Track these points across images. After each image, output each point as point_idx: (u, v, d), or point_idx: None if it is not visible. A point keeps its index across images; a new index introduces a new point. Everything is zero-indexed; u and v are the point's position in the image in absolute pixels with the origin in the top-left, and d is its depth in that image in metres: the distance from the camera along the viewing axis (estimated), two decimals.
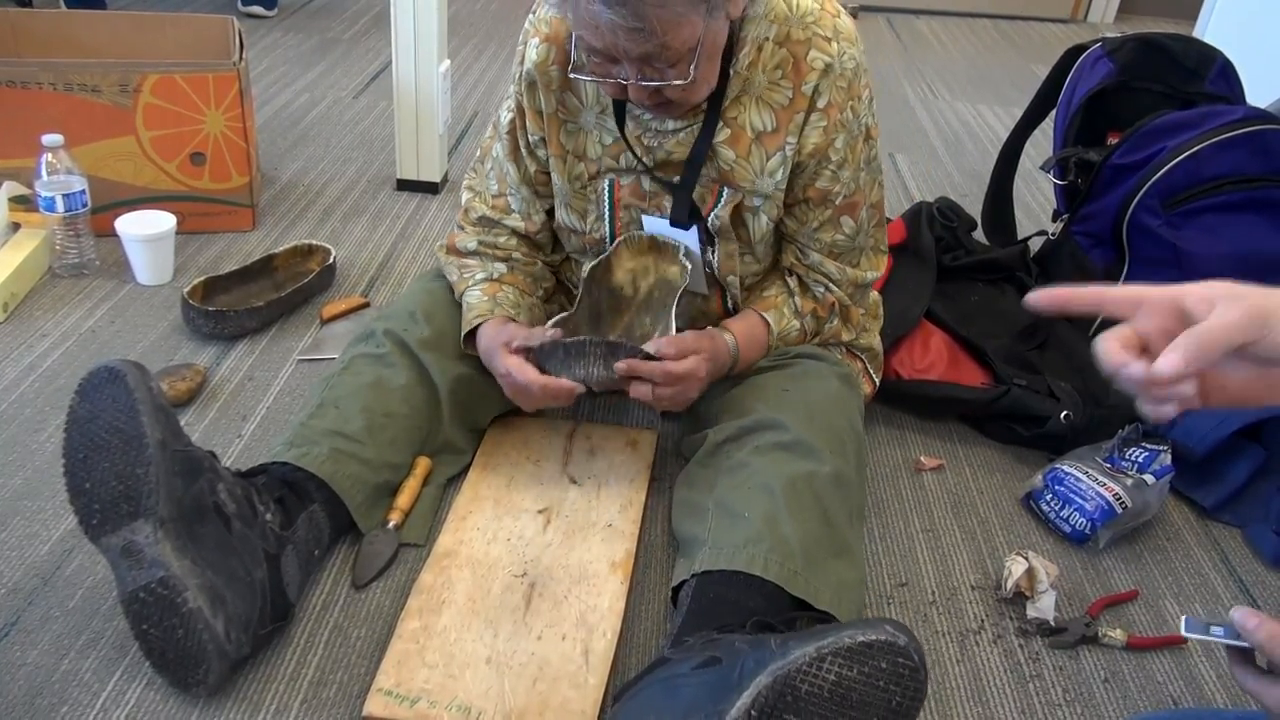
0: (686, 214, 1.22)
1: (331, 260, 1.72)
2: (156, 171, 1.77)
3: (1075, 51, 1.87)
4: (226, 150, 1.79)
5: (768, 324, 1.27)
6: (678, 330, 1.21)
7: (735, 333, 1.25)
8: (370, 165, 2.20)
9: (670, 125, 1.18)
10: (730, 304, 1.32)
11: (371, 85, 2.68)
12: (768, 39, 1.14)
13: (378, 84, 2.68)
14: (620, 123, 1.20)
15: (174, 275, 1.71)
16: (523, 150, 1.28)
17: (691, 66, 1.04)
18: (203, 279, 1.60)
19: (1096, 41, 1.85)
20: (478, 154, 1.36)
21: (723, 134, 1.18)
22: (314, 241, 1.76)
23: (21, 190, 1.70)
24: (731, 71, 1.14)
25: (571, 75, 1.15)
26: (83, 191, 1.63)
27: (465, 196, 1.36)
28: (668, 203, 1.23)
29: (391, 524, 1.19)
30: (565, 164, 1.25)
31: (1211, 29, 2.57)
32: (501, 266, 1.31)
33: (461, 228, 1.36)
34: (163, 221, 1.65)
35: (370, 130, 2.39)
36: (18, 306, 1.60)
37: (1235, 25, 2.51)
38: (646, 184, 1.23)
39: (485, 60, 2.99)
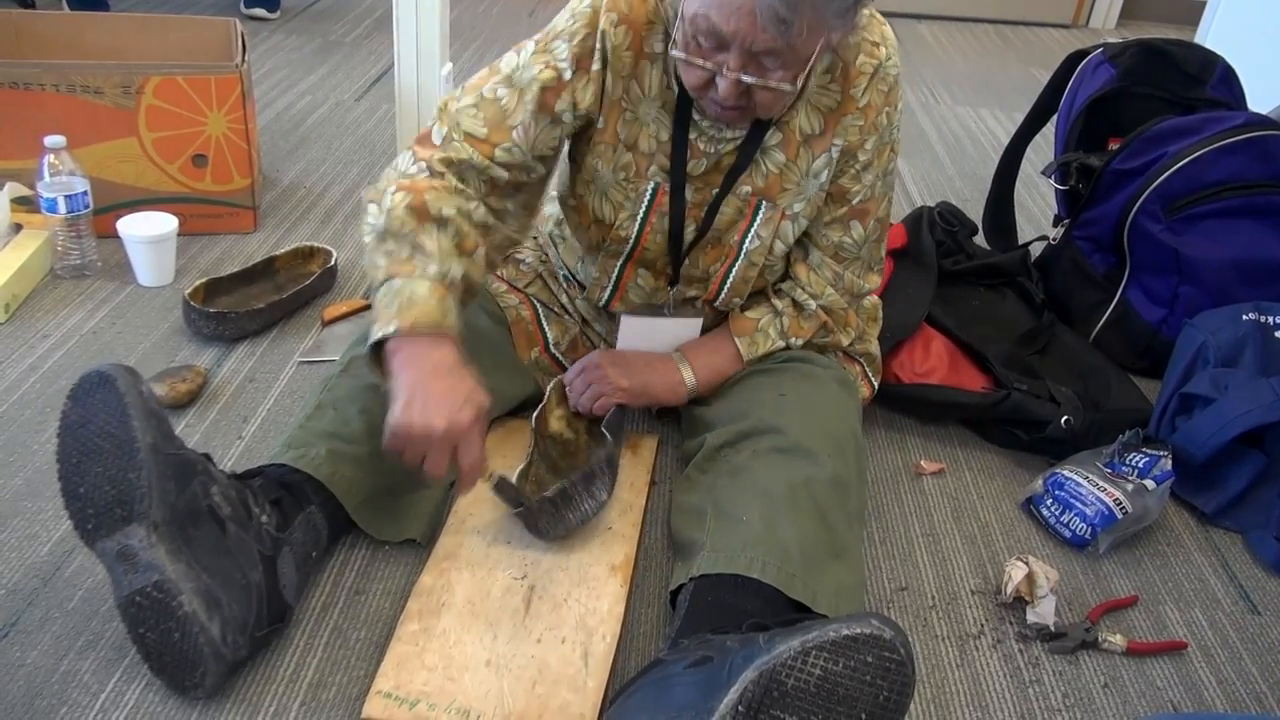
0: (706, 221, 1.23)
1: (333, 262, 1.72)
2: (158, 173, 1.77)
3: (1077, 56, 1.87)
4: (228, 152, 1.79)
5: (735, 345, 1.29)
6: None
7: (689, 355, 1.30)
8: (372, 168, 2.20)
9: (729, 134, 1.18)
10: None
11: (373, 88, 2.68)
12: None
13: (380, 87, 2.69)
14: (680, 123, 1.17)
15: (175, 277, 1.71)
16: (555, 114, 1.14)
17: (800, 76, 1.04)
18: (204, 281, 1.60)
19: (1098, 47, 1.85)
20: (457, 91, 1.18)
21: (775, 138, 1.18)
22: (315, 244, 1.76)
23: (24, 191, 1.70)
24: None
25: (672, 53, 1.07)
26: (85, 193, 1.63)
27: (439, 133, 1.15)
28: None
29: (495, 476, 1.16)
30: (614, 152, 1.19)
31: (1213, 34, 2.57)
32: (459, 269, 1.08)
33: (434, 173, 1.12)
34: (164, 223, 1.66)
35: (372, 133, 2.39)
36: (19, 307, 1.60)
37: (1237, 31, 2.51)
38: (689, 194, 1.21)
39: (487, 64, 2.99)
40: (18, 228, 1.68)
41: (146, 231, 1.64)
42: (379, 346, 1.04)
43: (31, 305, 1.61)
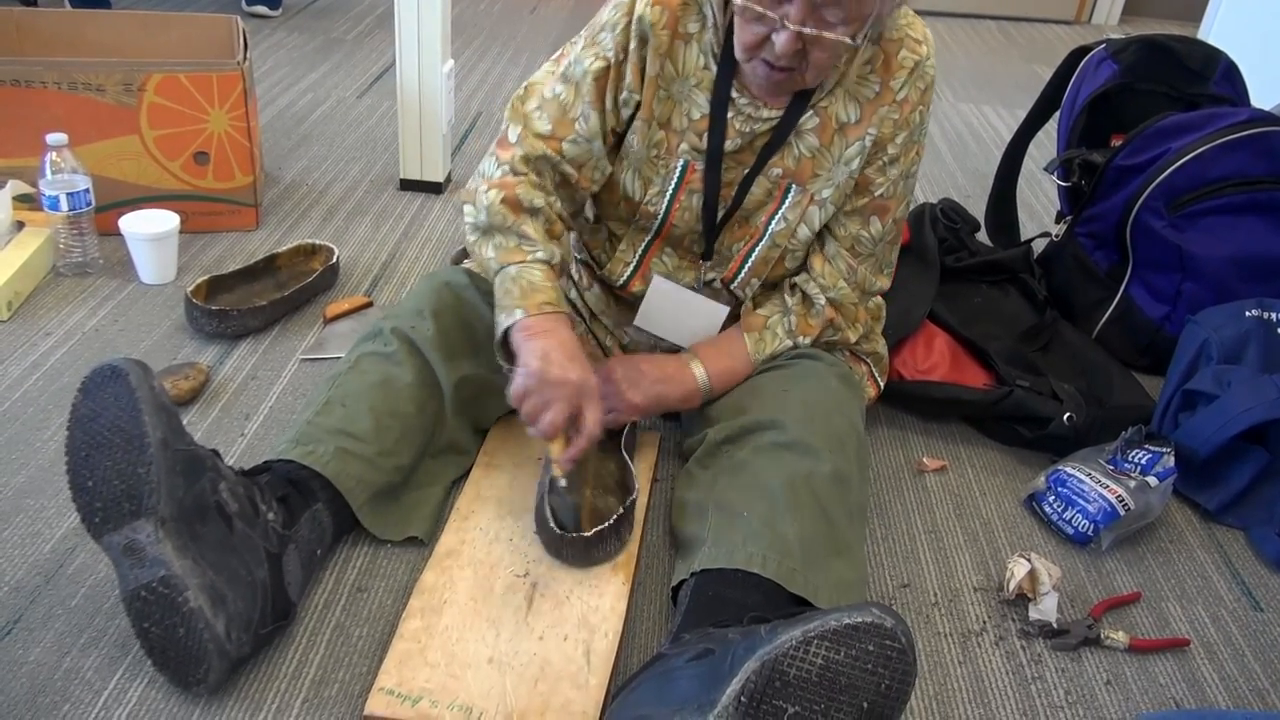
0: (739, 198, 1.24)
1: (335, 260, 1.72)
2: (160, 171, 1.77)
3: (1080, 53, 1.87)
4: (230, 150, 1.79)
5: (746, 345, 1.28)
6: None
7: (705, 361, 1.28)
8: (374, 165, 2.20)
9: (765, 113, 1.20)
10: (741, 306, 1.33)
11: (375, 85, 2.68)
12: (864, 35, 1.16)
13: (381, 84, 2.69)
14: (718, 100, 1.19)
15: (177, 274, 1.71)
16: (608, 102, 1.21)
17: (860, 33, 1.06)
18: (206, 278, 1.60)
19: (1101, 43, 1.85)
20: (520, 91, 1.25)
21: (810, 121, 1.20)
22: (317, 241, 1.76)
23: (26, 189, 1.70)
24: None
25: (735, 2, 1.09)
26: (87, 190, 1.63)
27: (514, 132, 1.22)
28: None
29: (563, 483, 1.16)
30: (649, 128, 1.23)
31: (1216, 31, 2.57)
32: (556, 250, 1.18)
33: (516, 172, 1.20)
34: (166, 221, 1.66)
35: (374, 130, 2.39)
36: (21, 305, 1.60)
37: (1240, 27, 2.51)
38: (723, 172, 1.23)
39: (489, 61, 2.99)
40: (20, 225, 1.68)
41: (148, 229, 1.64)
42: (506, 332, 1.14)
43: (34, 303, 1.61)
